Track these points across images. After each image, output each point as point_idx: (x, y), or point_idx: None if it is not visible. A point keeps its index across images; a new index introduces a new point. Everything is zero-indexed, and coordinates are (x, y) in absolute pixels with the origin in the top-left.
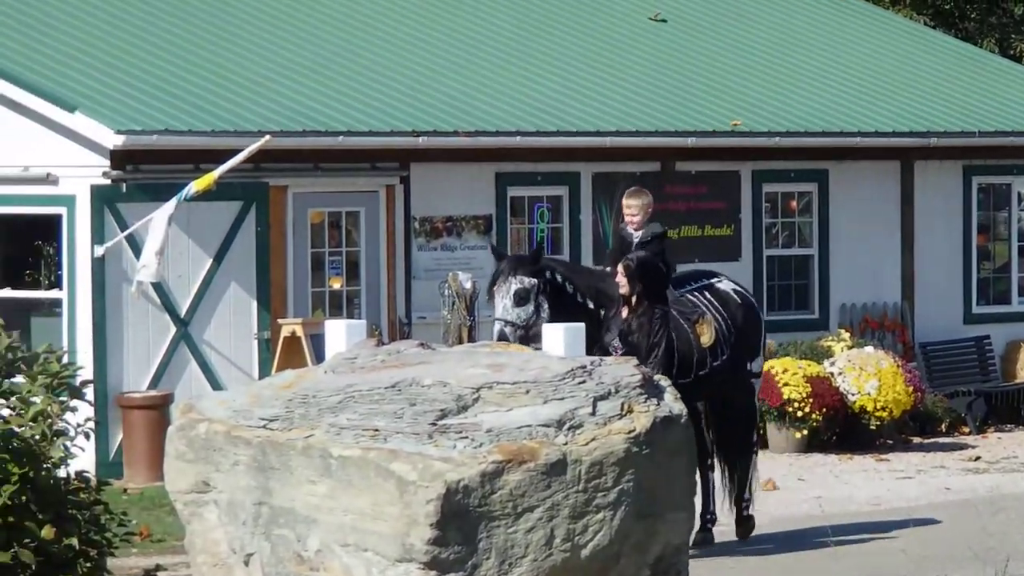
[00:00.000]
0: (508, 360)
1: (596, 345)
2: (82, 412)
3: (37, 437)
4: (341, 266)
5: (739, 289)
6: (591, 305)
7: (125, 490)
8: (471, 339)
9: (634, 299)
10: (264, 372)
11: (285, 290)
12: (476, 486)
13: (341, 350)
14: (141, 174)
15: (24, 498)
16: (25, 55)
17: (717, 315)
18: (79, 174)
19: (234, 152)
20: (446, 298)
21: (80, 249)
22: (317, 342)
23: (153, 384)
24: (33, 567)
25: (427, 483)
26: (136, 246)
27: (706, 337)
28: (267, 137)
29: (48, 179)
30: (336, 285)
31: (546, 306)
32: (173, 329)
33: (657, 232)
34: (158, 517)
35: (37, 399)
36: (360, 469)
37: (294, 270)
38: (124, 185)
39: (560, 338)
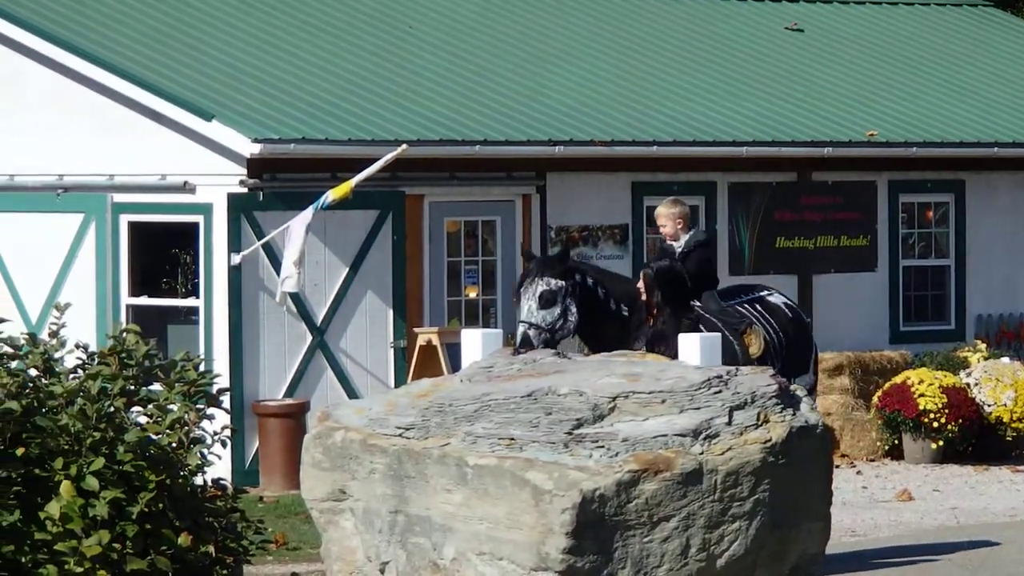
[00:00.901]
0: (644, 370)
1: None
2: (219, 420)
3: (174, 444)
4: (477, 275)
5: (789, 303)
6: (625, 312)
7: (261, 498)
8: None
9: (655, 308)
10: (399, 381)
11: (421, 299)
12: (612, 495)
13: (477, 359)
14: (278, 183)
15: (161, 505)
16: (163, 64)
17: (767, 327)
18: (216, 182)
19: (370, 161)
20: None
21: (217, 257)
22: (453, 351)
23: (289, 392)
24: (170, 574)
25: (563, 492)
26: (272, 254)
27: (754, 348)
28: (404, 146)
29: (185, 188)
30: (472, 294)
31: (574, 309)
32: (309, 337)
33: (700, 240)
34: (293, 525)
35: (174, 407)
36: (496, 478)
37: (430, 279)
38: (261, 193)
39: (696, 348)
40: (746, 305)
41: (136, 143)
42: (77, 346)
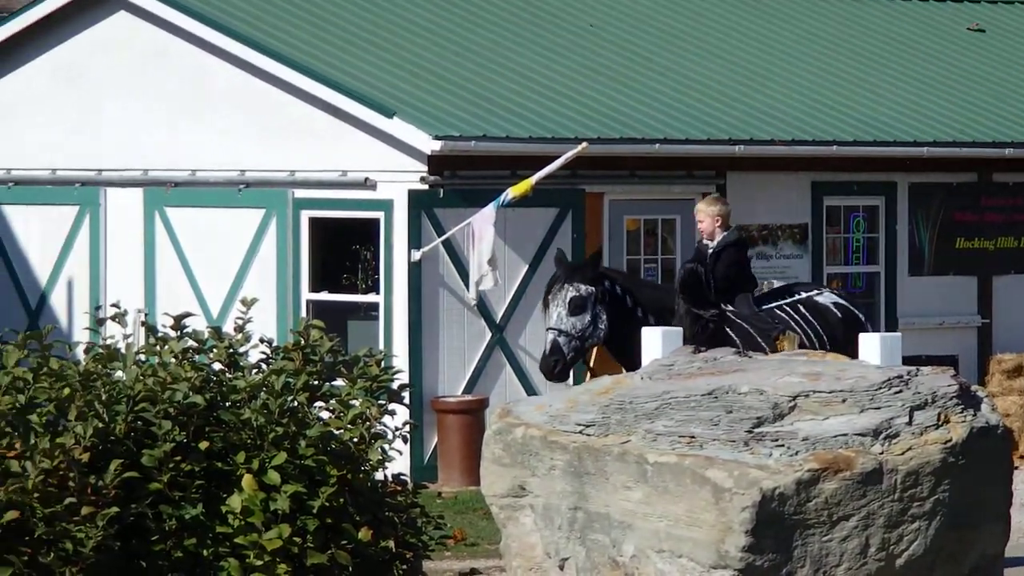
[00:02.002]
0: (824, 369)
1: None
2: (399, 416)
3: (356, 440)
4: (656, 273)
5: (842, 303)
6: (651, 320)
7: (439, 494)
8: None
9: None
10: (578, 378)
11: None
12: (791, 494)
13: (657, 357)
14: (458, 179)
15: (342, 500)
16: (345, 61)
17: (808, 330)
18: (397, 179)
19: (551, 159)
20: None
21: (397, 253)
22: None
23: (468, 388)
24: (350, 568)
25: (743, 490)
26: (452, 251)
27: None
28: (584, 144)
29: (366, 184)
30: None
31: (604, 316)
32: (488, 334)
33: (730, 241)
34: (472, 521)
35: (356, 402)
36: (676, 475)
37: None
38: (441, 190)
39: (876, 347)
40: (787, 308)
41: (317, 140)
42: (261, 341)
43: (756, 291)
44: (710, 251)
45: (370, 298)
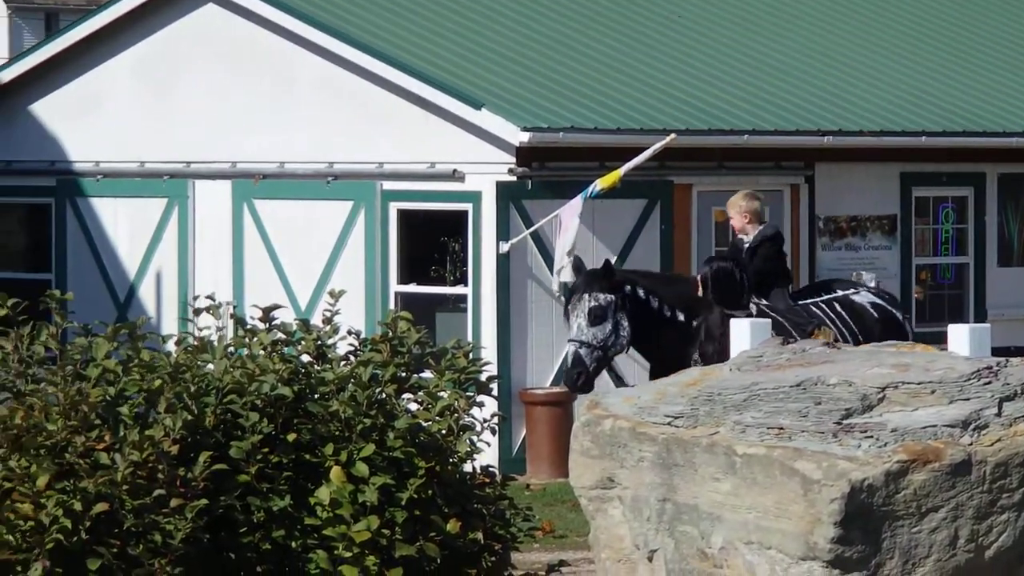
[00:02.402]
0: (913, 360)
1: (690, 359)
2: (488, 407)
3: (444, 432)
4: None
5: (880, 303)
6: (681, 317)
7: (528, 486)
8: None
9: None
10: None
11: None
12: (880, 485)
13: (746, 348)
14: (546, 171)
15: (430, 492)
16: (433, 52)
17: (843, 328)
18: (485, 171)
19: (639, 150)
20: None
21: (485, 245)
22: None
23: (556, 380)
24: (438, 560)
25: (831, 482)
26: (540, 243)
27: None
28: (672, 136)
29: (454, 176)
30: None
31: (626, 323)
32: None
33: (767, 235)
34: (560, 513)
35: (444, 394)
36: (764, 467)
37: (698, 268)
38: (529, 182)
39: (965, 338)
40: (823, 305)
41: (405, 131)
42: (349, 333)
43: (791, 287)
44: (745, 246)
45: (458, 290)
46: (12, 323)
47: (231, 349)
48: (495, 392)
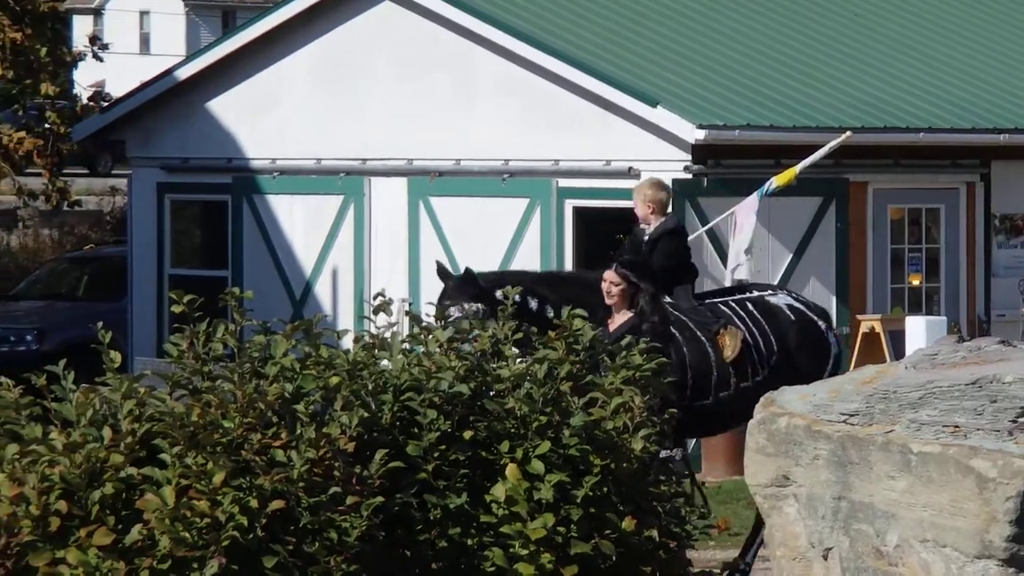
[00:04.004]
0: None
1: None
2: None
3: (619, 429)
4: (920, 263)
5: (797, 306)
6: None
7: (703, 483)
8: None
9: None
10: (842, 368)
11: (864, 286)
12: None
13: (921, 346)
14: (722, 168)
15: (605, 489)
16: (608, 50)
17: (755, 328)
18: (660, 168)
19: (814, 148)
20: None
21: None
22: (895, 338)
23: None
24: (613, 558)
25: (1007, 480)
26: (716, 241)
27: (728, 350)
28: (848, 133)
29: (630, 173)
30: (915, 282)
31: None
32: None
33: (668, 229)
34: (735, 511)
35: (619, 391)
36: (939, 465)
37: (873, 266)
38: (705, 179)
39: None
40: (733, 304)
41: (581, 129)
42: (522, 330)
43: (696, 284)
44: (645, 237)
45: None
46: (188, 320)
47: (406, 346)
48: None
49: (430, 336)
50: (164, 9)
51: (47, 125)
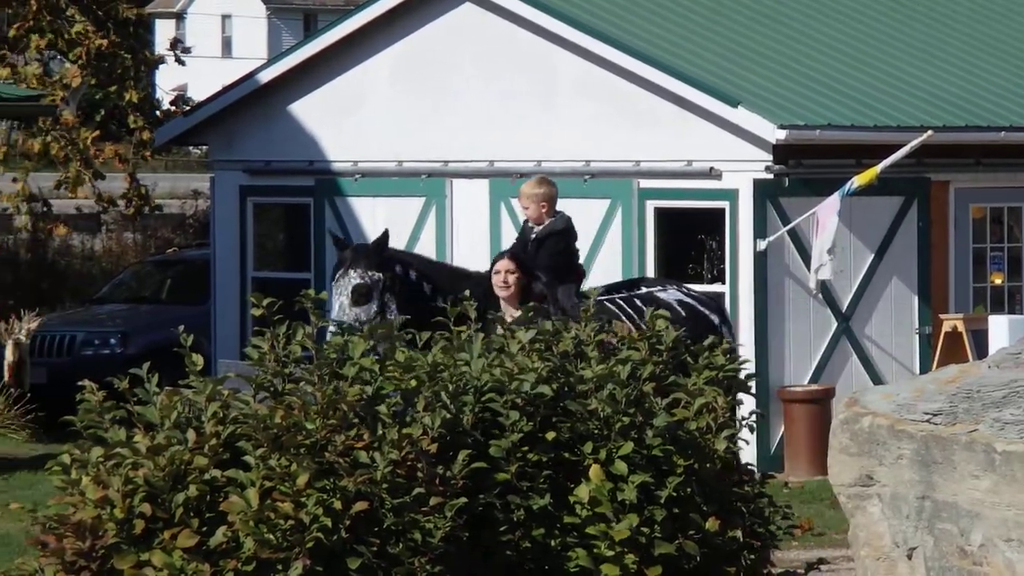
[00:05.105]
0: None
1: None
2: (746, 405)
3: (703, 429)
4: (1002, 262)
5: (688, 301)
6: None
7: (786, 483)
8: None
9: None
10: (924, 367)
11: (946, 285)
12: None
13: (1004, 345)
14: (803, 168)
15: (689, 490)
16: (688, 49)
17: (642, 324)
18: (742, 168)
19: (895, 147)
20: None
21: (742, 243)
22: (978, 338)
23: (814, 378)
24: (697, 558)
25: None
26: (798, 241)
27: None
28: (929, 132)
29: (711, 174)
30: (997, 281)
31: (394, 307)
32: (834, 323)
33: (556, 228)
34: (818, 511)
35: (703, 392)
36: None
37: (955, 266)
38: (786, 179)
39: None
40: (620, 301)
41: (662, 129)
42: (605, 331)
43: (584, 283)
44: (533, 236)
45: (715, 288)
46: (268, 323)
47: (488, 347)
48: (753, 390)
49: (512, 337)
50: (246, 12)
51: (131, 127)
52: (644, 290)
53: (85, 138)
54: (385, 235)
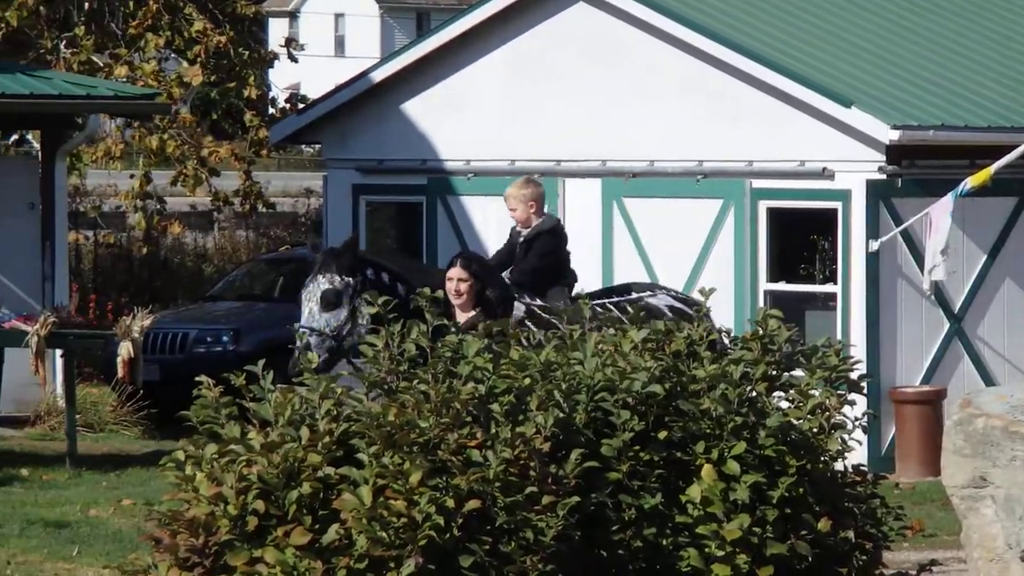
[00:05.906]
0: None
1: None
2: (858, 406)
3: (815, 430)
4: None
5: (679, 306)
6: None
7: (897, 484)
8: None
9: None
10: None
11: None
12: None
13: None
14: (916, 169)
15: (801, 490)
16: (800, 49)
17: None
18: (854, 169)
19: (1009, 148)
20: None
21: (855, 244)
22: None
23: (925, 379)
24: (809, 559)
25: None
26: (911, 241)
27: None
28: None
29: (824, 174)
30: None
31: (365, 310)
32: (946, 324)
33: (544, 229)
34: (930, 512)
35: (815, 392)
36: None
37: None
38: (899, 180)
39: None
40: (610, 306)
41: (774, 129)
42: (720, 331)
43: (577, 286)
44: (521, 239)
45: (827, 288)
46: (383, 321)
47: (601, 346)
48: (866, 391)
49: (624, 336)
50: (359, 11)
51: (248, 125)
52: (634, 295)
53: (205, 137)
54: (354, 238)
